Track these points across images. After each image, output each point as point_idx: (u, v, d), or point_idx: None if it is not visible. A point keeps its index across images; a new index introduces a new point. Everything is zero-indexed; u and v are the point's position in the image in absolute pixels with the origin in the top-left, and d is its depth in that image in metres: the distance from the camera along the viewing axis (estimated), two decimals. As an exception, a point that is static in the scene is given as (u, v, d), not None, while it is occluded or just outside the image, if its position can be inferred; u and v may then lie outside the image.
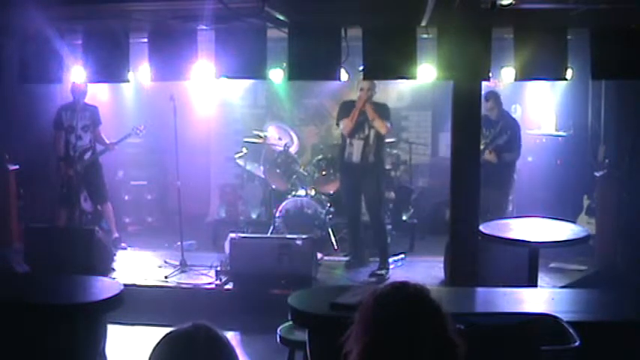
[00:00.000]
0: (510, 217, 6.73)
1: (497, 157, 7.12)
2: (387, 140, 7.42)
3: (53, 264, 6.31)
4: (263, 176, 8.29)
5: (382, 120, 6.69)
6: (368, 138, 6.77)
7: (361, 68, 5.56)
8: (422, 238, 8.19)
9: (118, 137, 7.69)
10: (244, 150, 8.46)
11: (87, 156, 7.52)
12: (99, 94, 8.31)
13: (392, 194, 8.12)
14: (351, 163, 6.85)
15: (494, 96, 7.24)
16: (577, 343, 3.07)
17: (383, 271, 6.74)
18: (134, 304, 5.06)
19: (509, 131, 7.17)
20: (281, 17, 5.76)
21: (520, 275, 5.57)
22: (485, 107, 6.65)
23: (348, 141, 6.85)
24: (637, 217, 6.90)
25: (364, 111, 6.67)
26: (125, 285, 4.55)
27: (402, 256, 7.33)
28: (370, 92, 6.68)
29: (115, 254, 7.23)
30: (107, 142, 7.64)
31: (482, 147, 6.53)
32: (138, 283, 6.50)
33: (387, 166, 7.89)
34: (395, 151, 8.44)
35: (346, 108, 6.86)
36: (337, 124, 7.01)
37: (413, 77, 5.56)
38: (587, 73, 5.43)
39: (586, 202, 7.64)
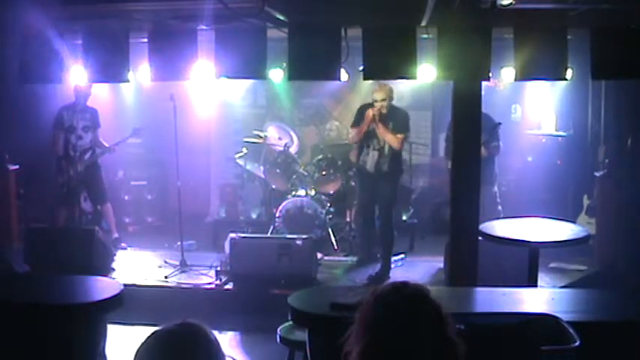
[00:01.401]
0: (510, 217, 6.72)
1: (487, 152, 7.01)
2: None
3: (53, 264, 6.32)
4: (263, 176, 8.29)
5: (394, 134, 6.57)
6: (383, 149, 6.67)
7: (361, 68, 5.55)
8: (422, 238, 8.20)
9: (118, 137, 7.70)
10: (244, 150, 8.45)
11: (87, 156, 7.52)
12: (99, 94, 8.30)
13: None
14: (365, 170, 6.80)
15: None
16: (577, 343, 3.07)
17: (384, 273, 6.70)
18: (134, 304, 5.06)
19: (486, 130, 7.08)
20: (281, 17, 5.76)
21: (520, 275, 5.57)
22: None
23: (364, 149, 6.75)
24: (637, 217, 6.89)
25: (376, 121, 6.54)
26: (125, 285, 4.57)
27: (402, 256, 7.32)
28: (384, 103, 6.53)
29: (115, 254, 7.22)
30: (106, 145, 7.65)
31: None
32: (138, 283, 6.50)
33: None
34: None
35: (363, 114, 6.69)
36: (352, 127, 6.94)
37: (413, 77, 5.55)
38: (587, 73, 5.42)
39: (586, 202, 7.64)
